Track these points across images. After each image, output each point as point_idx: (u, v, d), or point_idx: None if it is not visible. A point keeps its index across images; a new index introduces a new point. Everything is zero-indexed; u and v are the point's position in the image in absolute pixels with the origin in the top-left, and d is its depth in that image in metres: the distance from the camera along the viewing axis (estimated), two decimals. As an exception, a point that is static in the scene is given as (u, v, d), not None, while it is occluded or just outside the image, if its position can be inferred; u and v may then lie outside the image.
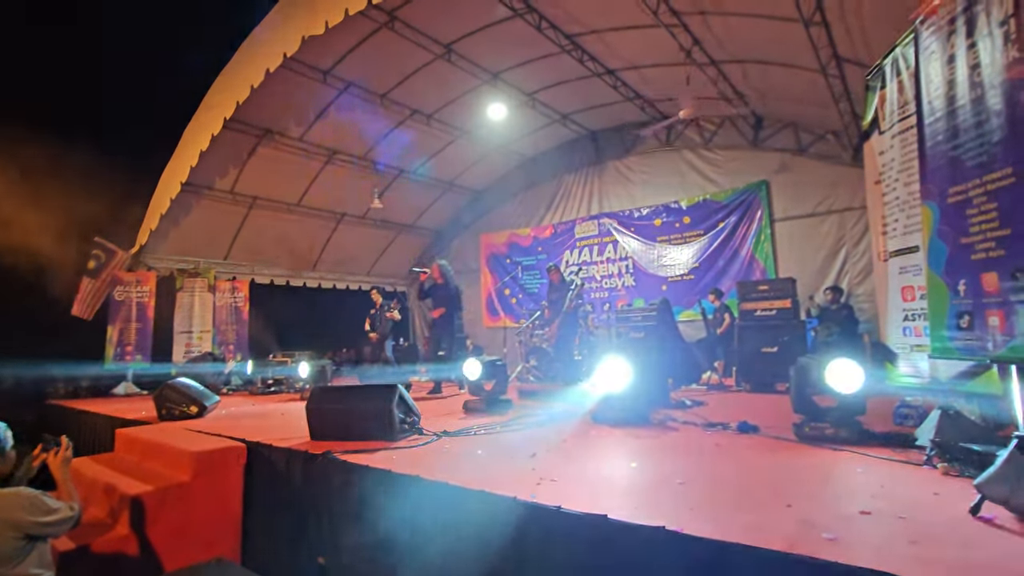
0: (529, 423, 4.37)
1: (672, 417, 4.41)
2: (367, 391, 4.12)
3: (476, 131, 10.55)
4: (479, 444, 3.62)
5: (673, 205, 10.27)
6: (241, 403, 6.86)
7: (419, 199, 12.54)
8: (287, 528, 3.53)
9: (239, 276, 10.74)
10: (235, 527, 3.80)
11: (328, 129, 9.53)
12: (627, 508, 2.10)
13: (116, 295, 8.99)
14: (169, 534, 3.42)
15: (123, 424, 5.19)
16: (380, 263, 13.45)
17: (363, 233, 12.44)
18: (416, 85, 9.00)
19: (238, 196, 9.89)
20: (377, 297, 8.54)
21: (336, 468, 3.24)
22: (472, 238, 13.41)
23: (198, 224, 9.69)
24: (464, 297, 12.88)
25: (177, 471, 3.75)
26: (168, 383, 5.34)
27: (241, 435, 4.10)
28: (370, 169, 10.81)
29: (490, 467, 2.94)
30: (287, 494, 3.56)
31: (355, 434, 3.81)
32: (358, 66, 8.28)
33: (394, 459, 3.20)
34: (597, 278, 11.15)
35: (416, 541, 2.67)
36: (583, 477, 2.69)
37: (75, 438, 6.48)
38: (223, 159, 8.98)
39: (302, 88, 8.34)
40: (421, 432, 3.96)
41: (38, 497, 2.40)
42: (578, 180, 11.67)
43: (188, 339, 9.60)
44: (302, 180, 10.44)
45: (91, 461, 4.37)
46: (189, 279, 9.80)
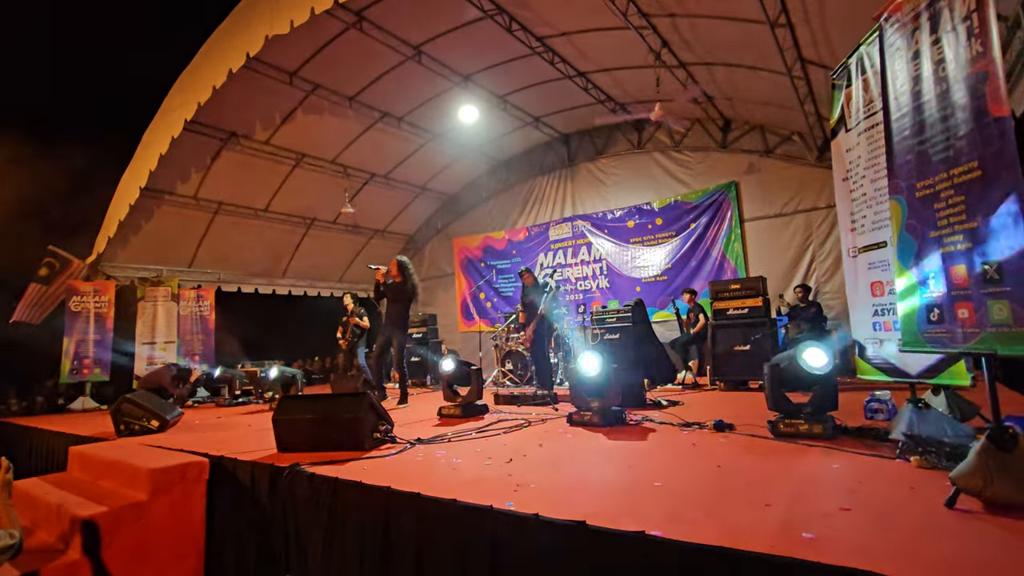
0: (505, 428, 4.29)
1: (648, 418, 4.39)
2: (336, 400, 3.98)
3: (448, 134, 10.45)
4: (454, 451, 3.52)
5: (645, 207, 10.35)
6: (206, 416, 6.59)
7: (391, 203, 12.36)
8: (253, 546, 3.38)
9: (204, 284, 10.37)
10: (197, 547, 3.61)
11: (296, 132, 9.30)
12: (605, 513, 2.04)
13: (72, 306, 8.54)
14: (125, 558, 3.22)
15: (77, 441, 4.92)
16: (352, 269, 13.19)
17: (334, 239, 12.20)
18: (386, 87, 8.86)
19: (202, 202, 9.55)
20: (349, 303, 8.34)
21: (304, 481, 3.10)
22: (446, 242, 13.28)
23: (160, 231, 9.31)
24: (438, 301, 12.84)
25: (134, 490, 3.54)
26: (126, 396, 5.08)
27: (204, 449, 3.92)
28: (340, 174, 10.60)
29: (466, 475, 2.85)
30: (253, 510, 3.40)
31: (325, 445, 3.68)
32: (326, 68, 8.10)
33: (365, 469, 3.08)
34: (572, 280, 11.15)
35: (388, 554, 2.56)
36: (560, 482, 2.62)
37: (27, 458, 6.15)
38: (185, 163, 8.66)
39: (268, 90, 8.11)
40: (394, 440, 3.84)
41: (-26, 525, 2.20)
42: (551, 182, 11.68)
43: (151, 350, 9.19)
44: (270, 185, 10.16)
45: (41, 481, 4.09)
46: (151, 288, 9.40)
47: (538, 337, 6.36)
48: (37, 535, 3.39)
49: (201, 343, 9.87)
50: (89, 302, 8.66)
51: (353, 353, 7.98)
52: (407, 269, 6.51)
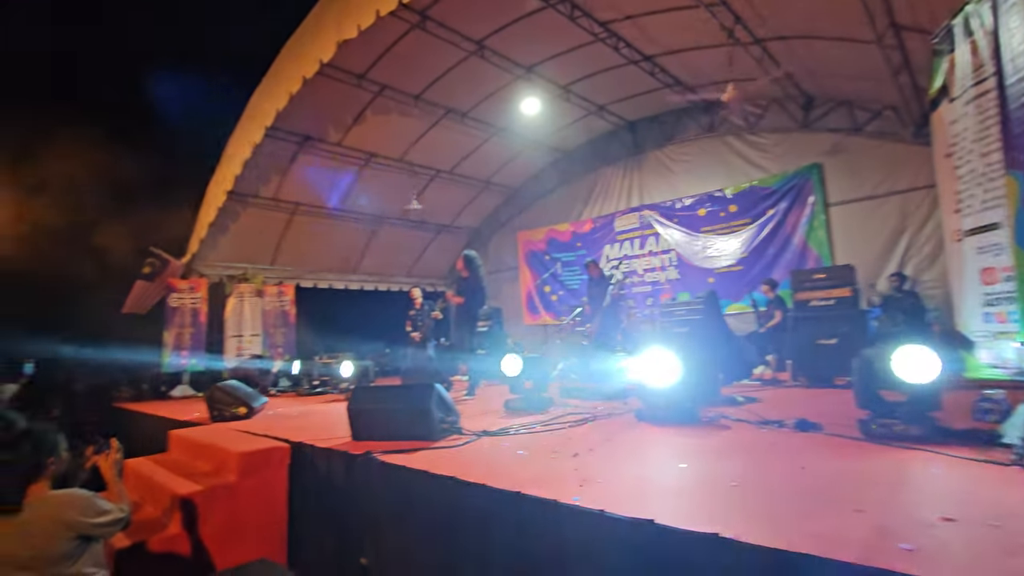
0: (571, 422, 4.24)
1: (723, 415, 4.19)
2: (406, 391, 4.09)
3: (511, 127, 10.46)
4: (520, 444, 3.51)
5: (717, 194, 9.87)
6: (288, 404, 7.01)
7: (456, 199, 12.57)
8: (330, 529, 3.54)
9: (285, 280, 11.06)
10: (280, 527, 3.84)
11: (365, 133, 9.66)
12: (676, 512, 1.95)
13: (171, 302, 9.43)
14: (218, 534, 3.48)
15: (176, 425, 5.38)
16: (420, 264, 13.57)
17: (402, 234, 12.59)
18: (449, 84, 8.99)
19: (281, 203, 10.18)
20: (417, 297, 8.56)
21: (376, 468, 3.21)
22: (510, 236, 13.34)
23: (245, 231, 10.03)
24: (503, 295, 12.91)
25: (225, 471, 3.82)
26: (217, 385, 5.50)
27: (286, 435, 4.14)
28: (407, 171, 10.90)
29: (531, 468, 2.83)
30: (329, 494, 3.57)
31: (395, 434, 3.79)
32: (392, 68, 8.34)
33: (433, 460, 3.14)
34: (639, 272, 10.86)
35: (456, 543, 2.60)
36: (628, 478, 2.54)
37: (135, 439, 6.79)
38: (265, 167, 9.25)
39: (338, 93, 8.47)
40: (461, 432, 3.89)
41: (91, 499, 2.44)
42: (616, 172, 11.40)
43: (239, 342, 9.96)
44: (342, 184, 10.64)
45: (148, 461, 4.52)
46: (238, 285, 10.17)
47: (604, 330, 6.24)
48: (144, 509, 3.74)
49: (283, 336, 10.56)
50: (185, 298, 9.52)
51: (424, 346, 8.18)
52: (474, 263, 6.58)
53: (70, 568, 2.30)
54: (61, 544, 2.26)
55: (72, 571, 2.30)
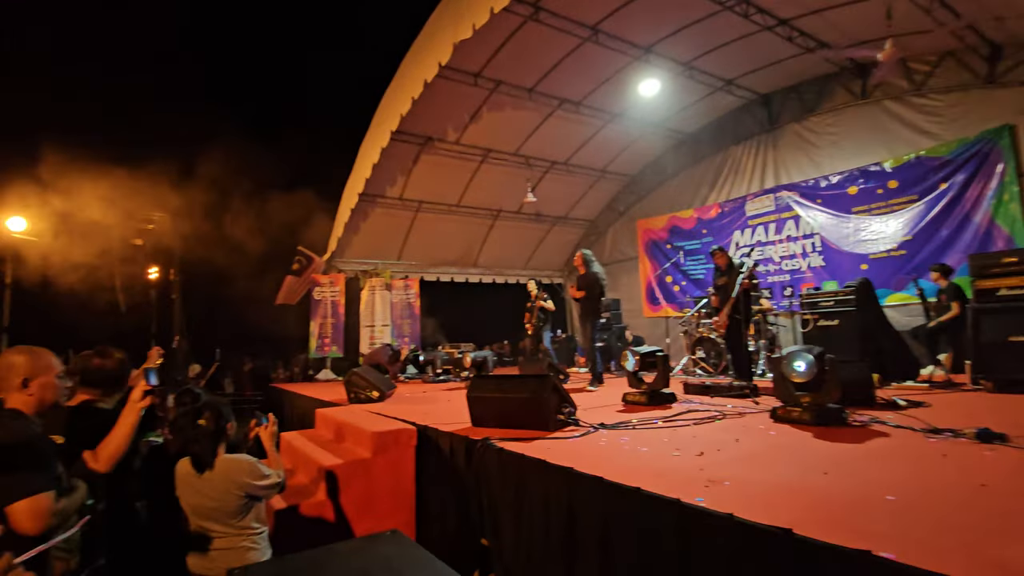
0: (696, 419, 3.97)
1: (879, 419, 3.63)
2: (522, 381, 4.12)
3: (627, 113, 10.09)
4: (639, 439, 3.36)
5: (873, 168, 8.62)
6: (414, 390, 7.49)
7: (571, 190, 12.47)
8: (453, 508, 3.68)
9: (411, 275, 11.87)
10: (409, 503, 4.08)
11: (481, 130, 9.93)
12: (816, 523, 1.70)
13: (315, 295, 10.64)
14: (356, 504, 3.79)
15: (321, 405, 5.99)
16: (536, 256, 13.70)
17: (519, 228, 12.80)
18: (563, 73, 8.89)
19: (406, 201, 10.90)
20: (533, 289, 8.65)
21: (494, 455, 3.26)
22: (628, 225, 12.91)
23: (374, 230, 10.94)
24: (622, 286, 12.56)
25: (361, 448, 4.15)
26: (354, 371, 6.03)
27: (412, 419, 4.40)
28: (523, 165, 11.03)
29: (651, 464, 2.68)
30: (452, 476, 3.71)
31: (512, 422, 3.83)
32: (506, 64, 8.46)
33: (549, 449, 3.11)
34: (775, 259, 9.89)
35: (575, 535, 2.54)
36: (760, 482, 2.29)
37: (289, 415, 7.68)
38: (392, 169, 9.93)
39: (456, 93, 8.79)
40: (577, 423, 3.83)
41: (256, 464, 2.76)
42: (748, 151, 10.48)
43: (371, 332, 10.93)
44: (460, 181, 11.09)
45: (298, 435, 5.09)
46: (370, 279, 11.14)
47: (734, 323, 5.76)
48: (296, 477, 4.19)
49: (409, 326, 11.36)
50: (327, 292, 10.67)
51: (539, 337, 8.24)
52: (589, 260, 6.65)
53: (241, 521, 2.63)
54: (234, 500, 2.60)
55: (242, 523, 2.64)
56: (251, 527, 2.70)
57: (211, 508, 2.57)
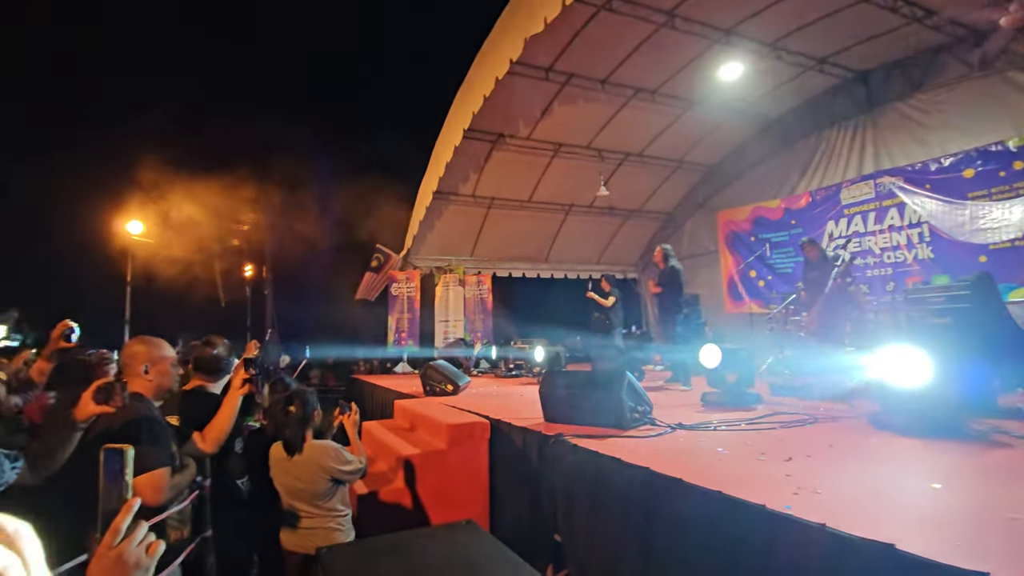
0: (784, 422, 3.72)
1: (1003, 429, 3.23)
2: (596, 377, 4.06)
3: (707, 100, 9.62)
4: (720, 440, 3.20)
5: (994, 148, 7.65)
6: (487, 384, 7.61)
7: (646, 182, 12.11)
8: (526, 502, 3.70)
9: (483, 271, 12.09)
10: (483, 495, 4.15)
11: (553, 124, 9.87)
12: (925, 540, 1.53)
13: (392, 291, 11.12)
14: (432, 493, 3.91)
15: (399, 397, 6.23)
16: (609, 251, 13.46)
17: (591, 222, 12.63)
18: (637, 63, 8.63)
19: (478, 199, 11.08)
20: (605, 284, 8.50)
21: (567, 451, 3.24)
22: (708, 217, 12.34)
23: (448, 227, 11.22)
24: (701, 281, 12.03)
25: (437, 439, 4.27)
26: (430, 364, 6.22)
27: (486, 412, 4.46)
28: (595, 158, 10.85)
29: (733, 468, 2.55)
30: (525, 470, 3.73)
31: (585, 419, 3.79)
32: (578, 56, 8.34)
33: (625, 448, 3.04)
34: (876, 251, 9.06)
35: (651, 537, 2.47)
36: (857, 493, 2.10)
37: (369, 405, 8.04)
38: (465, 167, 10.12)
39: (527, 89, 8.78)
40: (653, 422, 3.72)
41: (340, 450, 2.92)
42: (842, 134, 9.65)
43: (446, 327, 11.25)
44: (532, 177, 11.10)
45: (379, 425, 5.33)
46: (444, 275, 11.47)
47: (827, 319, 5.35)
48: (376, 464, 4.39)
49: (482, 321, 11.58)
50: (403, 288, 11.12)
51: (611, 333, 8.09)
52: (669, 255, 6.52)
53: (326, 503, 2.80)
54: (320, 483, 2.77)
55: (328, 506, 2.81)
56: (337, 509, 2.87)
57: (300, 489, 2.75)
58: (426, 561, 2.18)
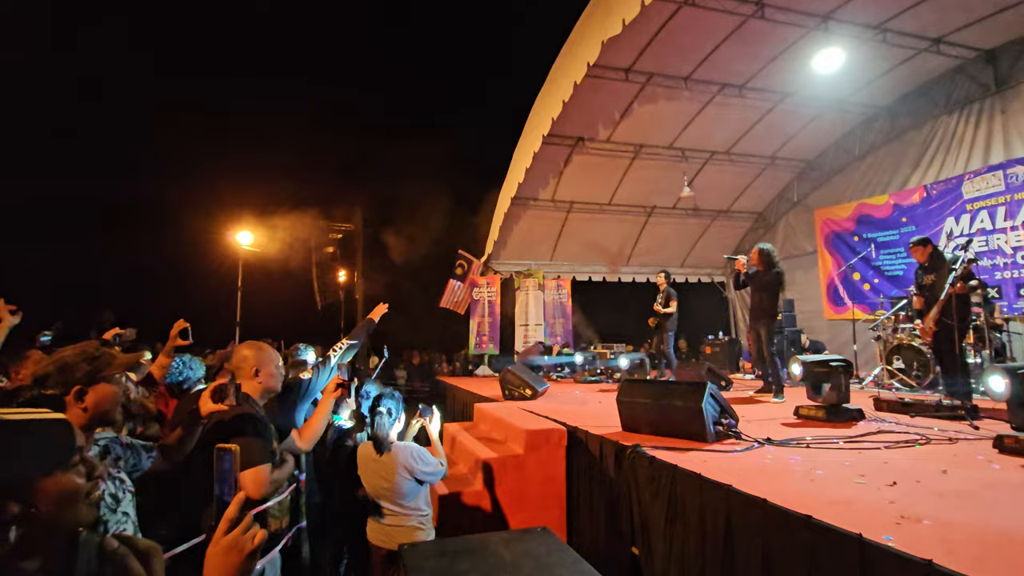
0: (889, 441, 3.39)
1: None
2: (676, 387, 3.92)
3: (802, 91, 8.99)
4: (814, 459, 2.99)
5: None
6: (566, 389, 7.57)
7: (734, 181, 11.51)
8: (603, 512, 3.66)
9: (562, 275, 12.10)
10: (560, 502, 4.15)
11: (633, 126, 9.68)
12: None
13: (474, 295, 11.41)
14: (509, 497, 3.97)
15: (479, 400, 6.38)
16: (694, 254, 12.94)
17: (674, 224, 12.24)
18: (723, 57, 8.24)
19: (557, 203, 11.11)
20: (662, 283, 8.16)
21: (644, 463, 3.17)
22: (803, 216, 11.49)
23: (527, 232, 11.37)
24: (796, 284, 11.24)
25: (514, 444, 4.33)
26: (509, 368, 6.32)
27: (563, 419, 4.46)
28: (678, 158, 10.50)
29: (827, 490, 2.37)
30: (601, 480, 3.69)
31: (665, 430, 3.69)
32: (658, 55, 8.12)
33: (706, 462, 2.93)
34: (1007, 251, 7.99)
35: (732, 555, 2.36)
36: (972, 526, 1.88)
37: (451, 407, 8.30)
38: (544, 172, 10.18)
39: (605, 91, 8.69)
40: (739, 436, 3.53)
41: (423, 451, 3.06)
42: (964, 120, 8.61)
43: (525, 331, 11.38)
44: (611, 180, 10.94)
45: (459, 427, 5.49)
46: (524, 280, 11.61)
47: (945, 328, 4.80)
48: (456, 467, 4.53)
49: (561, 326, 11.58)
50: (484, 292, 11.39)
51: (662, 339, 7.77)
52: (771, 257, 6.04)
53: (410, 503, 2.94)
54: (404, 483, 2.91)
55: (411, 505, 2.95)
56: (420, 509, 3.00)
57: (385, 488, 2.91)
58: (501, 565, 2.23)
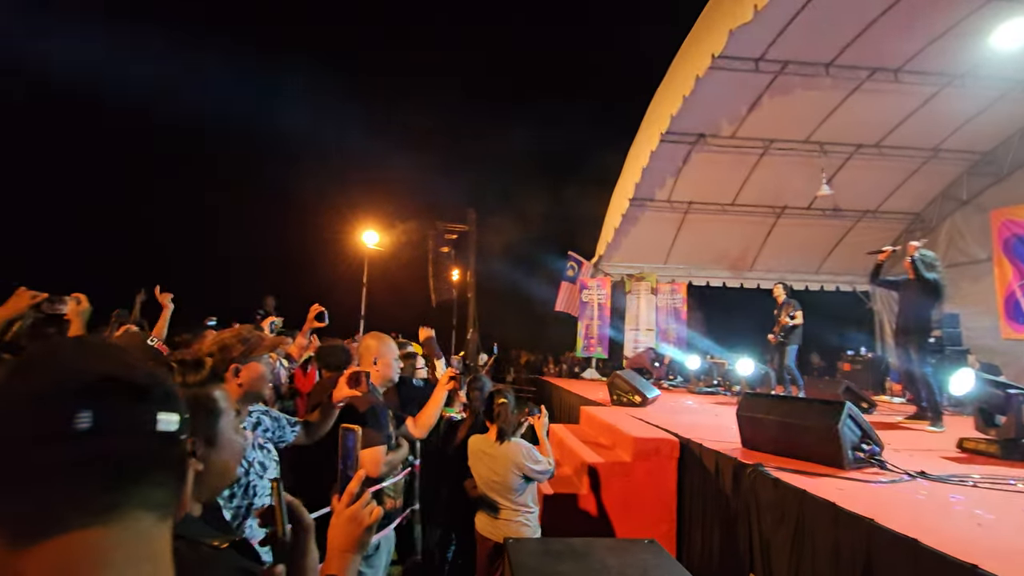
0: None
1: None
2: (807, 405, 3.56)
3: (975, 72, 7.70)
4: (981, 501, 2.53)
5: None
6: (678, 399, 7.21)
7: (884, 177, 10.19)
8: (718, 532, 3.43)
9: (677, 279, 11.56)
10: (670, 516, 3.96)
11: (762, 119, 8.96)
12: None
13: (583, 297, 11.31)
14: (615, 504, 3.87)
15: (586, 403, 6.30)
16: (832, 259, 11.66)
17: (808, 226, 11.12)
18: (874, 38, 7.31)
19: (674, 204, 10.63)
20: (780, 295, 7.35)
21: (767, 484, 2.92)
22: (974, 217, 9.81)
23: (641, 234, 11.00)
24: (963, 296, 9.63)
25: (622, 451, 4.22)
26: (617, 373, 6.17)
27: (675, 430, 4.26)
28: (816, 152, 9.52)
29: (998, 537, 2.00)
30: (717, 498, 3.46)
31: (792, 451, 3.36)
32: (794, 41, 7.42)
33: (842, 492, 2.61)
34: None
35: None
36: None
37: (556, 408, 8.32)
38: (661, 171, 9.80)
39: (732, 84, 8.14)
40: (883, 466, 3.11)
41: (531, 449, 3.10)
42: None
43: (636, 336, 11.03)
44: (735, 178, 10.25)
45: (565, 429, 5.47)
46: (635, 283, 11.28)
47: None
48: (561, 468, 4.51)
49: (675, 332, 11.07)
50: (593, 294, 11.27)
51: (783, 353, 7.00)
52: (932, 262, 5.25)
53: (518, 498, 2.99)
54: (513, 478, 2.97)
55: (519, 501, 2.99)
56: (527, 505, 3.03)
57: (495, 481, 2.98)
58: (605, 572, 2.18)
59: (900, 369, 6.06)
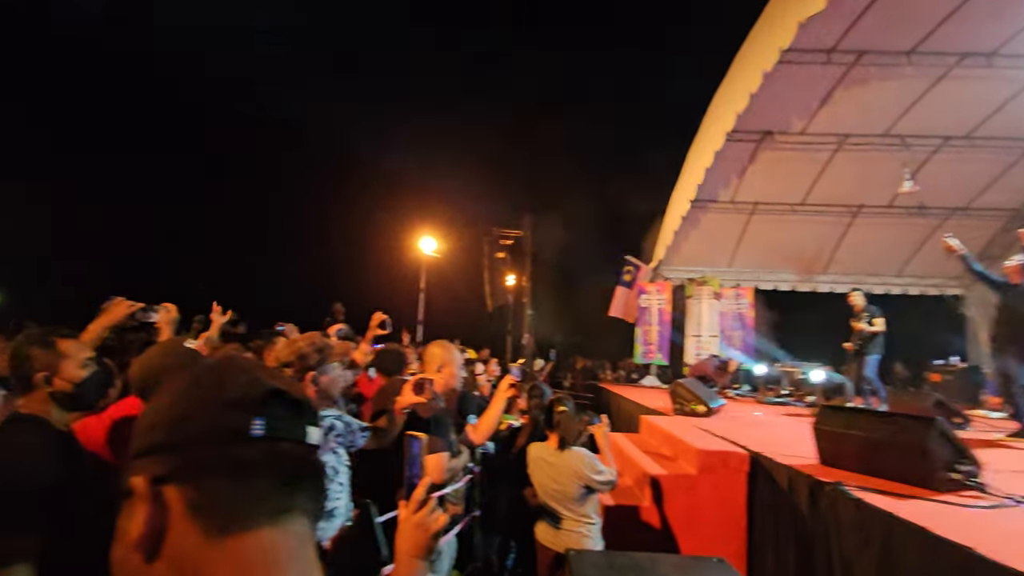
0: None
1: None
2: (891, 419, 3.30)
3: (1085, 50, 6.94)
4: (1107, 535, 2.24)
5: None
6: (745, 409, 6.88)
7: (975, 171, 9.38)
8: (792, 555, 3.23)
9: (743, 283, 11.08)
10: (739, 533, 3.77)
11: (834, 114, 8.48)
12: None
13: (641, 302, 11.06)
14: (679, 519, 3.73)
15: (646, 412, 6.13)
16: (916, 260, 10.81)
17: (888, 226, 10.38)
18: (962, 20, 6.76)
19: (739, 204, 10.21)
20: (858, 303, 6.81)
21: (848, 505, 2.72)
22: (1088, 213, 8.84)
23: (703, 236, 10.62)
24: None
25: (686, 463, 4.07)
26: (679, 381, 5.97)
27: (744, 443, 4.06)
28: (896, 146, 8.87)
29: None
30: (791, 518, 3.27)
31: (875, 470, 3.11)
32: (871, 28, 6.98)
33: (934, 516, 2.39)
34: None
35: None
36: None
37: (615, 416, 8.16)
38: (725, 171, 9.43)
39: (801, 78, 7.76)
40: (982, 489, 2.82)
41: (594, 459, 3.05)
42: None
43: (698, 342, 10.62)
44: (806, 176, 9.74)
45: (625, 438, 5.34)
46: (697, 287, 10.90)
47: None
48: (623, 479, 4.41)
49: (740, 338, 10.58)
50: (652, 299, 10.98)
51: (862, 363, 6.47)
52: None
53: (578, 508, 2.95)
54: (574, 488, 2.93)
55: (581, 511, 2.95)
56: (589, 516, 2.98)
57: (555, 490, 2.95)
58: (671, 591, 2.10)
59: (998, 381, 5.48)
